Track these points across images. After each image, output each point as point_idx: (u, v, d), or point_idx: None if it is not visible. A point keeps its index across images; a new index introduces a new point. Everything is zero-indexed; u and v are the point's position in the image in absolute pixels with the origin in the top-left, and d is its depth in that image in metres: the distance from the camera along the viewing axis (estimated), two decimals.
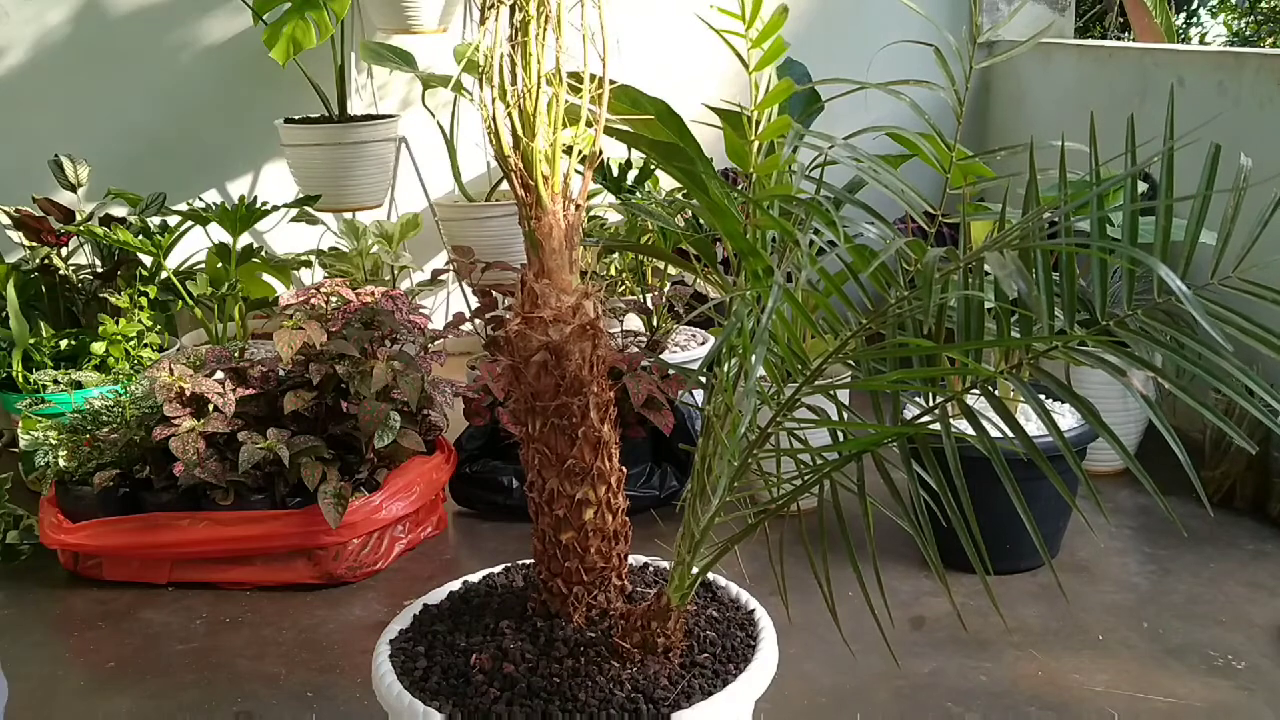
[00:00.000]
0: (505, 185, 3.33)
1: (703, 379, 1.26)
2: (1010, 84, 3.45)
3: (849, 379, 1.13)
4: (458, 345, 3.29)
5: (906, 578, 2.01)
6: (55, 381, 2.54)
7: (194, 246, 3.12)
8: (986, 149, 2.01)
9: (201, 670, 1.83)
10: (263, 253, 3.09)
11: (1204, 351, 0.88)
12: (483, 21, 1.15)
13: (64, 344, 2.73)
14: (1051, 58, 3.20)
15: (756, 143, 1.32)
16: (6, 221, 2.79)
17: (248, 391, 2.13)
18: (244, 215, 2.74)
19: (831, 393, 1.05)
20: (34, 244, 2.82)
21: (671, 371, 2.29)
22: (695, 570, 1.19)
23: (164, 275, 2.85)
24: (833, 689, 1.69)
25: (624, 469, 1.33)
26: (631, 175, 2.88)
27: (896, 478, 1.05)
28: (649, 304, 2.74)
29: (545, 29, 1.15)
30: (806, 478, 1.10)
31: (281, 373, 2.19)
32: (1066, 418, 2.06)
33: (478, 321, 2.55)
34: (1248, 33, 5.23)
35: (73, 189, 2.95)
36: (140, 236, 2.76)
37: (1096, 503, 0.94)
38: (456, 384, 2.31)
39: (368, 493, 2.13)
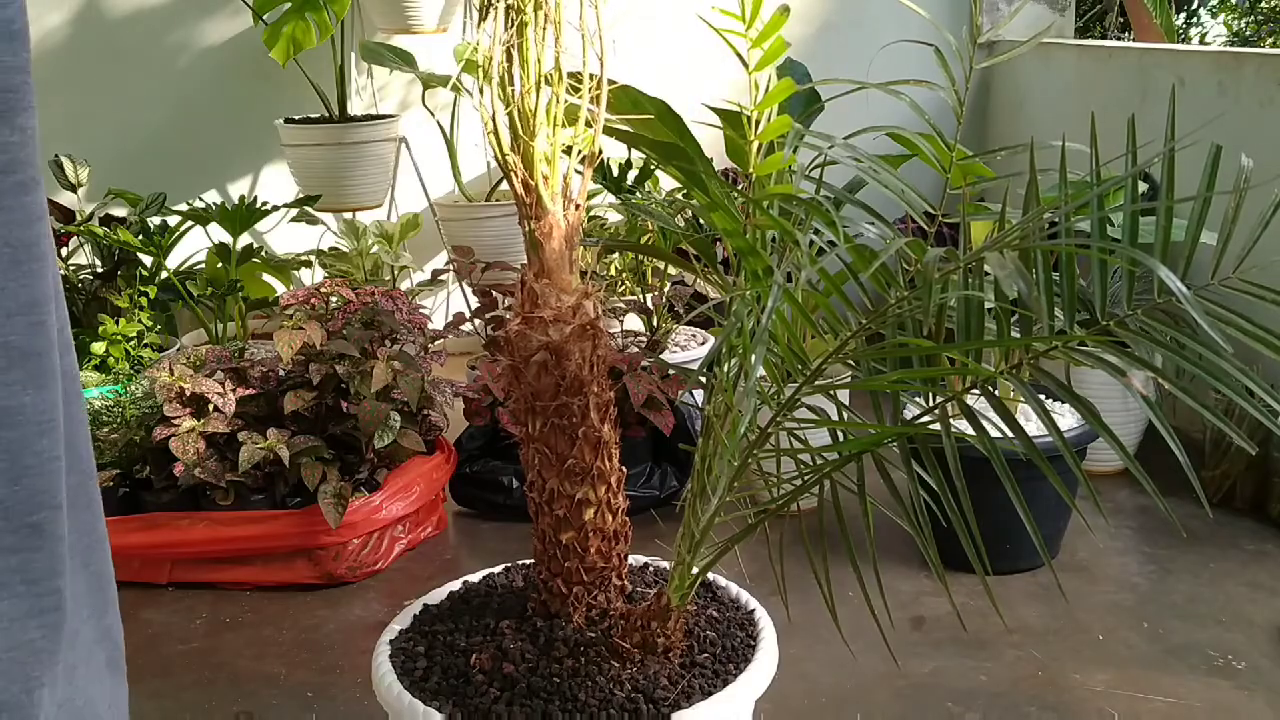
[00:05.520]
0: (505, 185, 3.33)
1: (703, 379, 1.26)
2: (1010, 84, 3.45)
3: (849, 379, 1.13)
4: (458, 345, 3.29)
5: (906, 578, 2.01)
6: None
7: (194, 246, 3.12)
8: (987, 149, 2.01)
9: (201, 670, 1.83)
10: (263, 253, 3.09)
11: (1204, 352, 0.88)
12: (480, 21, 1.15)
13: None
14: (1051, 58, 3.20)
15: (756, 143, 1.32)
16: None
17: (248, 391, 2.13)
18: (244, 215, 2.74)
19: (831, 393, 1.05)
20: None
21: (671, 371, 2.29)
22: (695, 570, 1.19)
23: (164, 275, 2.85)
24: (833, 689, 1.69)
25: (624, 469, 1.33)
26: (631, 175, 2.88)
27: (896, 478, 1.04)
28: (649, 304, 2.74)
29: (544, 29, 1.15)
30: (806, 478, 1.10)
31: (281, 373, 2.19)
32: (1066, 418, 2.05)
33: (478, 321, 2.54)
34: (1248, 33, 5.24)
35: (73, 189, 2.95)
36: (140, 236, 2.76)
37: (1096, 503, 0.94)
38: (456, 384, 2.31)
39: (368, 493, 2.13)
